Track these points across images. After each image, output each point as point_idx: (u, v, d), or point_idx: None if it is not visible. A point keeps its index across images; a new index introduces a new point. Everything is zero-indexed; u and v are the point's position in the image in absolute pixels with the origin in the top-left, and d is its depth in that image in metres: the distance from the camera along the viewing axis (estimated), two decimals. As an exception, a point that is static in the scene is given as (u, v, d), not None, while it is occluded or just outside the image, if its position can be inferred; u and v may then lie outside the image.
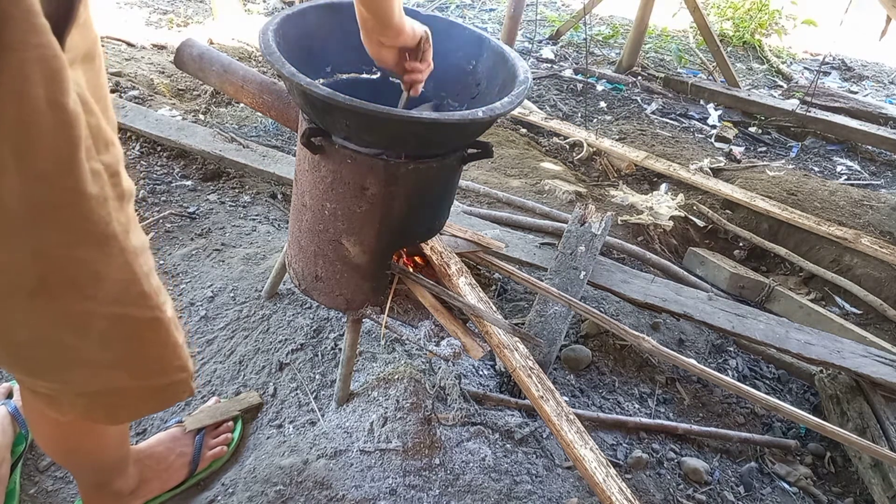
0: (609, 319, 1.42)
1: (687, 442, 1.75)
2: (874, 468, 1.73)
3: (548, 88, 4.27)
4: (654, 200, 3.00)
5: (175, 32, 3.90)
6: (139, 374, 0.86)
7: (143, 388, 0.88)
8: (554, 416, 1.32)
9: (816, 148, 4.01)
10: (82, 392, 0.83)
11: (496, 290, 2.09)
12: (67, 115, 0.60)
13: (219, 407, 1.48)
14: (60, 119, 0.60)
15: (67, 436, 1.04)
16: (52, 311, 0.72)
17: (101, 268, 0.71)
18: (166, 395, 0.92)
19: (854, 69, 5.79)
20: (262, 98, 1.57)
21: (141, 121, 2.44)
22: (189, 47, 1.67)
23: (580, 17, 4.96)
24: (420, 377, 1.54)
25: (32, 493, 1.31)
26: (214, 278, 1.87)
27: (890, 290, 2.61)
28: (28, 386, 0.85)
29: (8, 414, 1.32)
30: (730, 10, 5.93)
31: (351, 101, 1.02)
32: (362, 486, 1.32)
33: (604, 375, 1.87)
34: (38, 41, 0.55)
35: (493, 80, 1.33)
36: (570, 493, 1.45)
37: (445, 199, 1.36)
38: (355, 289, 1.35)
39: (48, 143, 0.60)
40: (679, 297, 2.00)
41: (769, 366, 2.15)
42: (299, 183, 1.31)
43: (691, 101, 4.42)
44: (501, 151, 3.21)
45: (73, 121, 0.61)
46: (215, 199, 2.27)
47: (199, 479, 1.37)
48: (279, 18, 1.21)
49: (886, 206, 3.06)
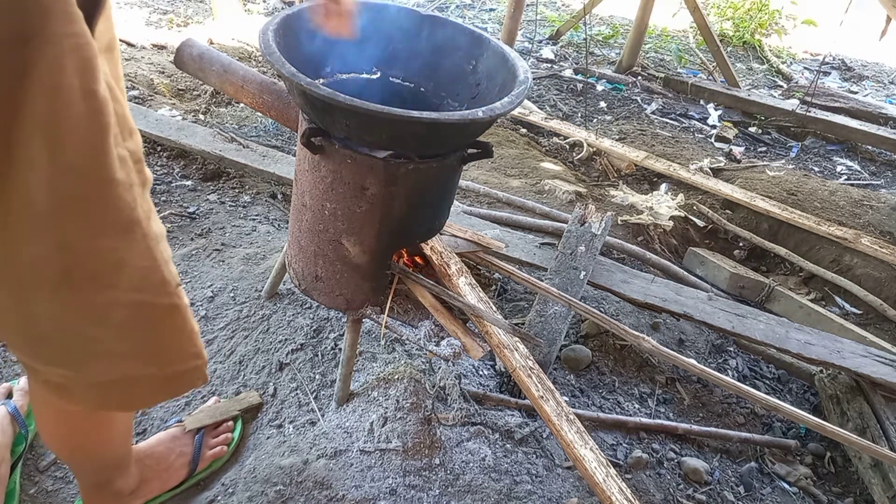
0: (609, 319, 1.42)
1: (687, 442, 1.75)
2: (874, 468, 1.73)
3: (548, 88, 4.27)
4: (654, 200, 3.00)
5: (175, 32, 3.90)
6: (156, 362, 0.86)
7: (159, 375, 0.88)
8: (554, 416, 1.32)
9: (816, 148, 4.01)
10: (98, 381, 0.84)
11: (496, 290, 2.09)
12: (99, 102, 0.61)
13: (219, 407, 1.48)
14: (92, 107, 0.61)
15: (73, 432, 1.04)
16: (75, 301, 0.72)
17: (124, 254, 0.72)
18: (181, 383, 0.92)
19: (854, 69, 5.79)
20: (262, 98, 1.57)
21: (141, 121, 2.44)
22: (189, 47, 1.67)
23: (580, 17, 4.96)
24: (420, 377, 1.54)
25: (32, 493, 1.31)
26: (214, 278, 1.87)
27: (890, 290, 2.61)
28: (41, 377, 0.85)
29: (8, 414, 1.32)
30: (730, 10, 5.93)
31: (351, 101, 1.02)
32: (362, 486, 1.32)
33: (604, 375, 1.87)
34: (73, 30, 0.56)
35: (493, 80, 1.32)
36: (570, 493, 1.45)
37: (445, 200, 1.36)
38: (355, 289, 1.35)
39: (80, 134, 0.61)
40: (679, 297, 2.00)
41: (769, 366, 2.15)
42: (299, 183, 1.31)
43: (691, 101, 4.42)
44: (501, 151, 3.21)
45: (103, 107, 0.62)
46: (215, 199, 2.27)
47: (199, 479, 1.37)
48: (279, 18, 1.21)
49: (886, 206, 3.06)
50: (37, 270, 0.68)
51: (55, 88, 0.57)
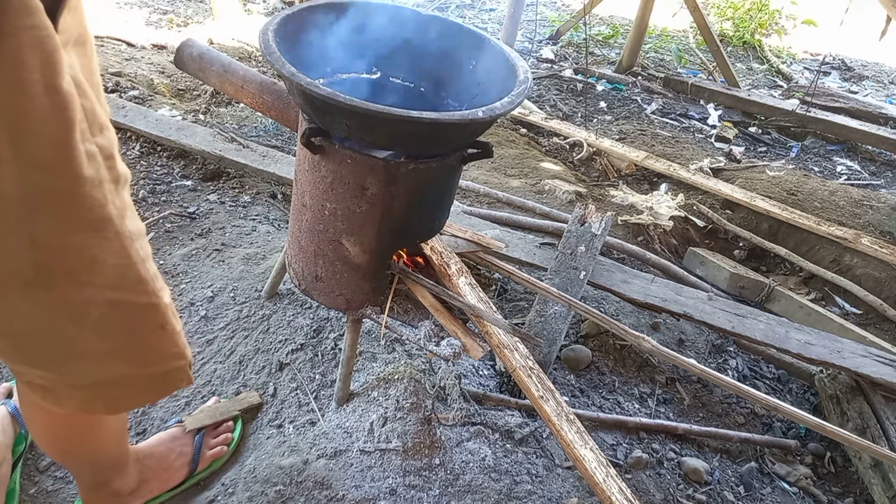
0: (609, 319, 1.42)
1: (687, 442, 1.75)
2: (874, 468, 1.73)
3: (548, 88, 4.27)
4: (654, 200, 3.00)
5: (175, 32, 3.90)
6: (137, 363, 0.85)
7: (140, 376, 0.87)
8: (554, 416, 1.32)
9: (816, 148, 4.01)
10: (80, 383, 0.83)
11: (496, 290, 2.08)
12: (62, 97, 0.60)
13: (219, 407, 1.48)
14: (55, 102, 0.60)
15: (65, 434, 1.03)
16: (50, 300, 0.71)
17: (97, 253, 0.71)
18: (165, 384, 0.91)
19: (854, 69, 5.79)
20: (262, 98, 1.57)
21: (141, 121, 2.44)
22: (189, 47, 1.67)
23: (580, 17, 4.96)
24: (420, 377, 1.54)
25: (32, 493, 1.31)
26: (214, 278, 1.87)
27: (890, 290, 2.60)
28: (25, 378, 0.85)
29: (8, 414, 1.32)
30: (730, 10, 5.93)
31: (351, 100, 1.02)
32: (362, 486, 1.32)
33: (604, 375, 1.87)
34: (32, 22, 0.55)
35: (493, 80, 1.32)
36: (570, 493, 1.45)
37: (445, 199, 1.36)
38: (355, 289, 1.35)
39: (45, 129, 0.60)
40: (679, 297, 2.00)
41: (769, 366, 2.15)
42: (299, 183, 1.31)
43: (691, 101, 4.42)
44: (501, 151, 3.21)
45: (67, 102, 0.61)
46: (215, 199, 2.27)
47: (199, 479, 1.37)
48: (279, 18, 1.21)
49: (886, 206, 3.06)
50: (8, 266, 0.67)
51: (16, 82, 0.56)
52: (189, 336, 1.68)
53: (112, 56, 3.25)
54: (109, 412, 0.96)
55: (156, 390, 0.92)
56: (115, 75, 2.97)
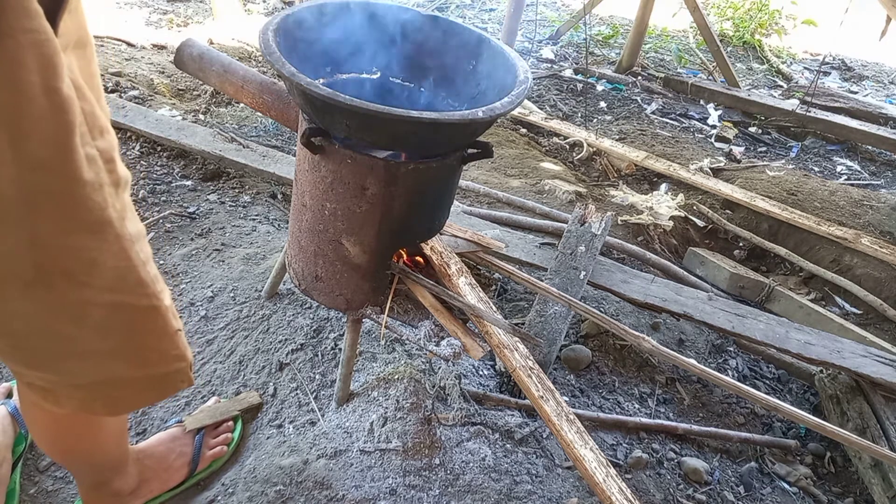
0: (609, 319, 1.41)
1: (687, 442, 1.75)
2: (874, 468, 1.73)
3: (548, 88, 4.27)
4: (654, 200, 3.00)
5: (175, 32, 3.90)
6: (137, 364, 0.85)
7: (141, 378, 0.87)
8: (554, 416, 1.32)
9: (816, 148, 4.01)
10: (80, 383, 0.83)
11: (496, 290, 2.08)
12: (62, 99, 0.60)
13: (219, 407, 1.48)
14: (55, 104, 0.60)
15: (64, 434, 1.04)
16: (49, 300, 0.72)
17: (96, 255, 0.71)
18: (165, 385, 0.91)
19: (854, 69, 5.79)
20: (262, 98, 1.57)
21: (141, 121, 2.44)
22: (189, 47, 1.67)
23: (580, 17, 4.96)
24: (420, 377, 1.54)
25: (32, 493, 1.31)
26: (214, 278, 1.87)
27: (890, 290, 2.61)
28: (25, 379, 0.85)
29: (8, 414, 1.32)
30: (730, 10, 5.93)
31: (351, 100, 1.02)
32: (362, 486, 1.32)
33: (604, 375, 1.87)
34: (31, 26, 0.55)
35: (493, 80, 1.32)
36: (570, 493, 1.45)
37: (445, 199, 1.36)
38: (355, 289, 1.35)
39: (43, 130, 0.60)
40: (679, 297, 2.00)
41: (769, 366, 2.15)
42: (299, 183, 1.31)
43: (691, 101, 4.42)
44: (501, 151, 3.21)
45: (67, 105, 0.61)
46: (215, 199, 2.27)
47: (199, 479, 1.37)
48: (279, 18, 1.21)
49: (886, 206, 3.06)
50: (8, 266, 0.67)
51: (14, 82, 0.56)
52: (189, 336, 1.68)
53: (112, 56, 3.25)
54: (109, 413, 0.96)
55: (156, 391, 0.92)
56: (115, 75, 2.97)
